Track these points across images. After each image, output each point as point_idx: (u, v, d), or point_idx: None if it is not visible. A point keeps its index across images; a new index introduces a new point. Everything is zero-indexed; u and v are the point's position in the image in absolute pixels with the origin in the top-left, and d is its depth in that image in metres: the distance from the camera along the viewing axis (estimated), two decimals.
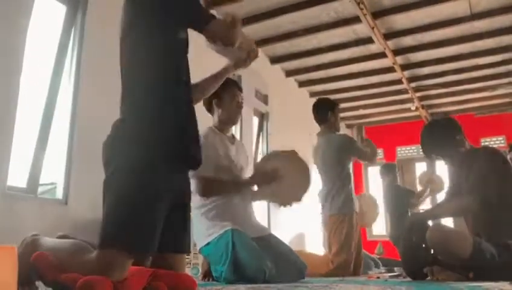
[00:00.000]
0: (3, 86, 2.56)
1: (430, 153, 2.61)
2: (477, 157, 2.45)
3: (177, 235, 1.52)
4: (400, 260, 4.57)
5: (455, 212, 2.65)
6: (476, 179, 2.36)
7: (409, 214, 5.08)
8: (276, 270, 2.23)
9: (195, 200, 2.39)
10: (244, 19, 4.83)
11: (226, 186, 2.43)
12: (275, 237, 2.54)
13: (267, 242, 2.43)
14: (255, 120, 5.63)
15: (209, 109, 2.61)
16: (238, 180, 2.52)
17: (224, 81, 2.13)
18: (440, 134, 2.56)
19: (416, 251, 2.40)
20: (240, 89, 2.61)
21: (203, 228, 2.38)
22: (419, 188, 5.76)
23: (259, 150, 5.68)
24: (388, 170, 5.60)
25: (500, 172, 2.39)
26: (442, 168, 6.73)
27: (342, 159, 3.52)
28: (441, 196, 7.13)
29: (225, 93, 2.50)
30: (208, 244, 2.34)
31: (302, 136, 5.36)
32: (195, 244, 2.48)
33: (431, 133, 2.60)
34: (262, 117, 5.78)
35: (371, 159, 3.68)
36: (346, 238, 3.30)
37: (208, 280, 2.43)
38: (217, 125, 2.58)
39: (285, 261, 2.36)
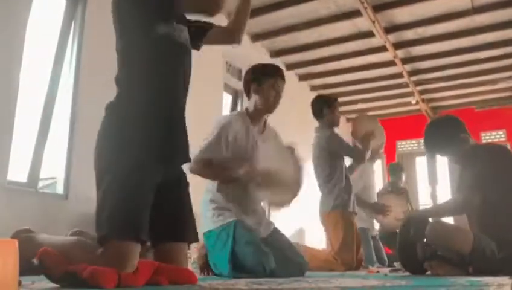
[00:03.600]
0: (3, 80, 2.55)
1: (434, 151, 2.62)
2: (481, 154, 2.44)
3: (177, 224, 1.55)
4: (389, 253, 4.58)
5: (456, 210, 2.63)
6: (477, 176, 2.36)
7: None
8: (276, 267, 2.22)
9: (207, 184, 2.38)
10: None
11: (215, 171, 2.30)
12: (278, 232, 2.49)
13: (269, 238, 2.39)
14: None
15: (247, 92, 2.43)
16: (231, 170, 2.28)
17: (267, 67, 2.12)
18: (444, 133, 2.55)
19: (413, 245, 2.41)
20: (283, 78, 2.39)
21: (210, 214, 2.32)
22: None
23: None
24: (391, 171, 5.44)
25: (503, 169, 2.38)
26: (442, 164, 6.75)
27: (330, 158, 3.49)
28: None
29: (265, 80, 2.33)
30: (210, 232, 2.31)
31: (302, 131, 5.35)
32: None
33: (435, 132, 2.58)
34: None
35: (358, 160, 3.56)
36: (345, 236, 3.29)
37: (207, 274, 2.43)
38: (251, 111, 2.40)
39: (285, 259, 2.32)
